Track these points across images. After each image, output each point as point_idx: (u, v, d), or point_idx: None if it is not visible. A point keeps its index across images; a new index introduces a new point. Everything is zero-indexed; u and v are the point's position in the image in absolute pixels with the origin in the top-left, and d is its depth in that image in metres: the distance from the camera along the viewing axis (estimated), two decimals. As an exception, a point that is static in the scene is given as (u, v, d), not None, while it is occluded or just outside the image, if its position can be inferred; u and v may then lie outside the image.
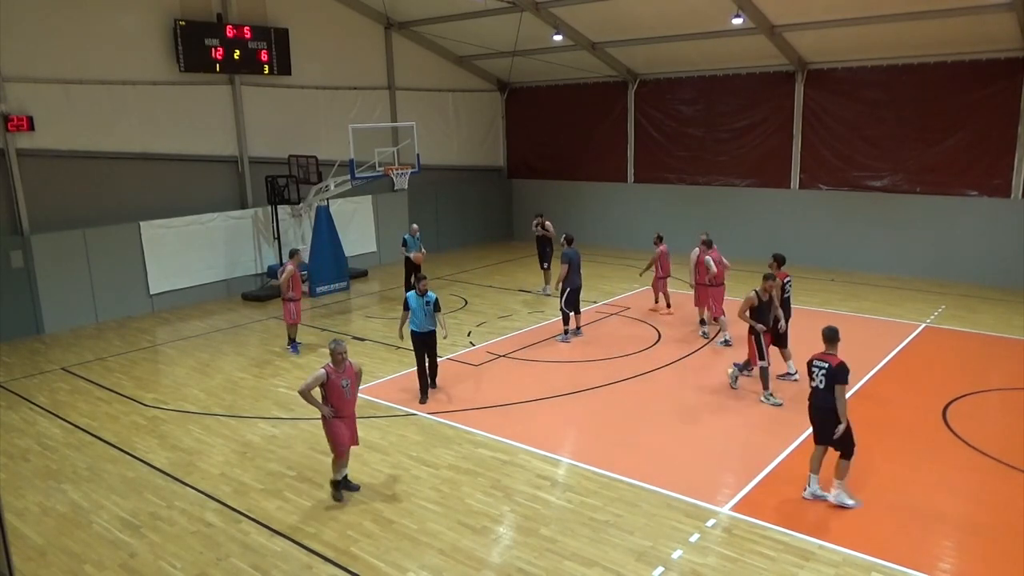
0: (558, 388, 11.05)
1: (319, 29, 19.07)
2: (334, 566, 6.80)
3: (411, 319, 10.58)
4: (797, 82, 18.90)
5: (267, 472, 8.69)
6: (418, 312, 10.55)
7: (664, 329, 13.98)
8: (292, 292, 12.95)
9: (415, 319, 10.55)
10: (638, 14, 17.66)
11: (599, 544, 7.01)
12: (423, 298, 10.58)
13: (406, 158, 17.82)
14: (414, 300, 10.54)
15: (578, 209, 22.79)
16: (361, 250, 20.37)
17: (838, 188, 18.79)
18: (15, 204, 14.55)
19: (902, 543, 6.90)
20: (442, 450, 9.07)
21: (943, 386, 10.59)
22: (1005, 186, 16.60)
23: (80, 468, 8.95)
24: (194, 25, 16.43)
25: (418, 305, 10.54)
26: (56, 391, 11.68)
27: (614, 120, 22.37)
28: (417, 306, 10.54)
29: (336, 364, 7.80)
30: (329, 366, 7.81)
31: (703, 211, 20.98)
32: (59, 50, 14.77)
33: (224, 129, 17.64)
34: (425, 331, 10.66)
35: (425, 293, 10.64)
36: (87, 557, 7.06)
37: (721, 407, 10.29)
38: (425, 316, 10.58)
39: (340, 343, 7.89)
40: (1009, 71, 16.08)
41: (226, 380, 11.97)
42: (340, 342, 7.90)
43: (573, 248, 13.63)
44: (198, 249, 17.06)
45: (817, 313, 14.96)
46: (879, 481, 8.07)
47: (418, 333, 10.66)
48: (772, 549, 6.85)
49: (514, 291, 17.40)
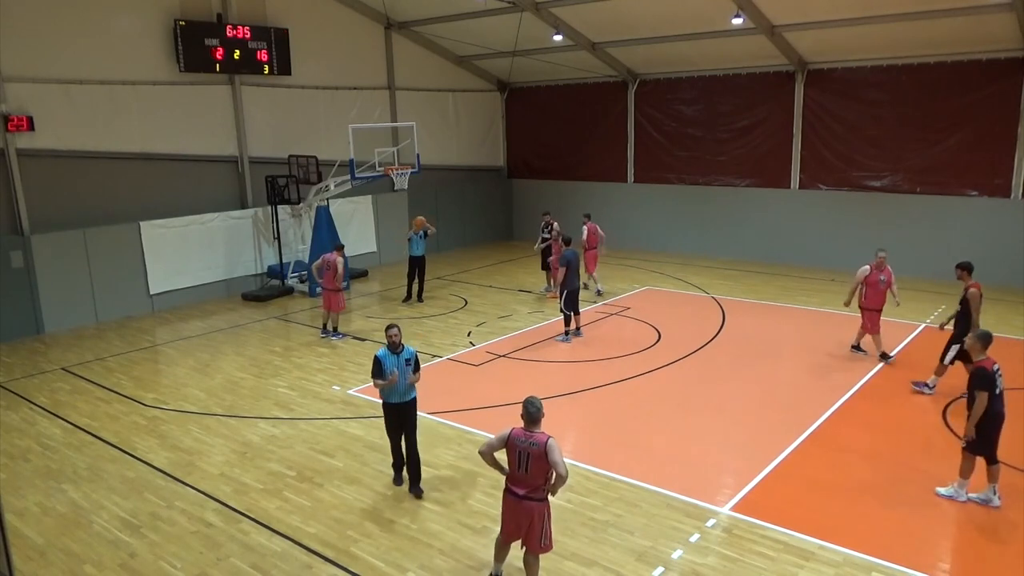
0: (558, 388, 11.05)
1: (319, 29, 19.07)
2: (334, 566, 6.80)
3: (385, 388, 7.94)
4: (797, 82, 18.90)
5: (267, 472, 8.69)
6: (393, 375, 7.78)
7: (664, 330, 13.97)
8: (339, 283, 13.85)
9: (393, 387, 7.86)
10: (638, 14, 17.66)
11: (599, 544, 7.01)
12: (397, 356, 7.83)
13: (406, 158, 17.82)
14: (387, 360, 7.80)
15: (578, 209, 22.66)
16: (361, 250, 20.37)
17: (838, 188, 18.79)
18: (15, 204, 14.55)
19: (902, 543, 6.90)
20: (442, 450, 9.06)
21: (943, 386, 10.58)
22: (1005, 186, 16.60)
23: (80, 468, 8.95)
24: (194, 25, 16.42)
25: (391, 366, 7.78)
26: (56, 391, 11.68)
27: (614, 120, 22.37)
28: (389, 367, 7.77)
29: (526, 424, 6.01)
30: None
31: (703, 211, 21.02)
32: (59, 50, 14.77)
33: (224, 129, 17.64)
34: (404, 401, 7.94)
35: (400, 348, 7.88)
36: (87, 557, 7.06)
37: (721, 407, 10.29)
38: (405, 382, 7.86)
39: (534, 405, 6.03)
40: (1009, 71, 16.08)
41: (226, 380, 11.97)
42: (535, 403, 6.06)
43: (571, 249, 13.65)
44: (198, 249, 17.06)
45: (817, 313, 14.98)
46: (879, 481, 8.07)
47: (391, 405, 7.95)
48: (772, 549, 6.85)
49: (514, 291, 17.40)
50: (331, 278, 13.66)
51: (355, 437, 9.59)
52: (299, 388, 11.46)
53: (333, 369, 12.30)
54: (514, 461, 6.00)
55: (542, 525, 6.06)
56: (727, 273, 18.72)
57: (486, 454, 6.12)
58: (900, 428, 9.46)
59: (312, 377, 11.93)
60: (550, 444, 5.82)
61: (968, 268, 10.58)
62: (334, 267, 13.63)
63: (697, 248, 21.09)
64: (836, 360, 12.06)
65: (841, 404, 10.23)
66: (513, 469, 6.03)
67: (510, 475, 6.08)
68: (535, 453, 5.85)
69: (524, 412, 6.02)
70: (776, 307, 15.49)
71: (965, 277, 10.49)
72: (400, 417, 7.98)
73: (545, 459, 5.81)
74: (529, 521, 6.04)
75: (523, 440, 5.93)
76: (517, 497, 6.02)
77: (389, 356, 7.81)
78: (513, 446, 5.98)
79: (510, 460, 6.04)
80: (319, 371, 12.21)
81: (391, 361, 7.78)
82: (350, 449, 9.22)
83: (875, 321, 11.91)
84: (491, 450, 6.09)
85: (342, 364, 12.53)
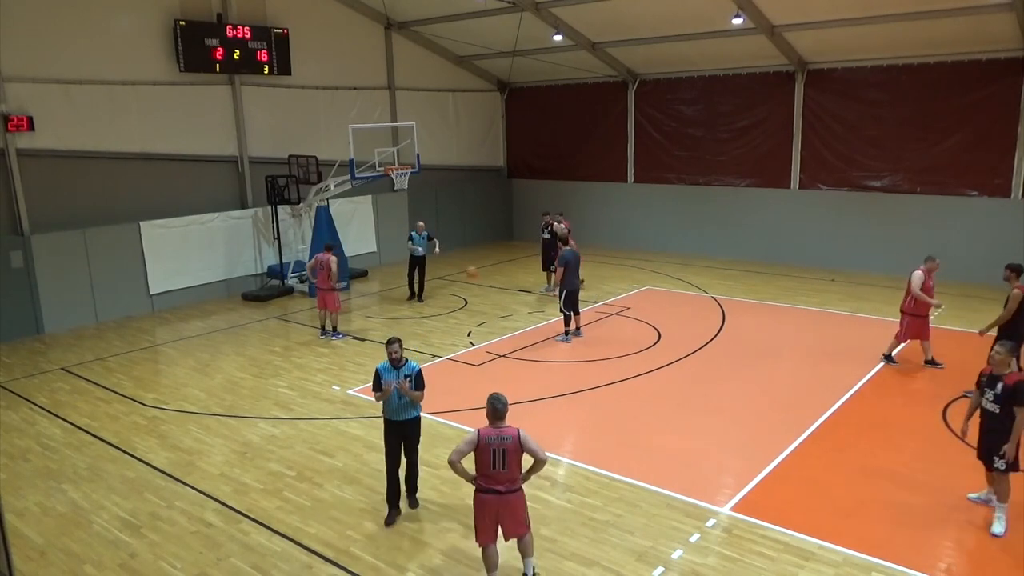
0: (558, 388, 11.05)
1: (319, 29, 19.07)
2: (334, 566, 6.80)
3: (384, 401, 7.51)
4: (797, 82, 18.90)
5: (267, 472, 8.69)
6: (392, 393, 7.39)
7: (664, 330, 13.97)
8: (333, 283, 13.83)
9: (388, 401, 7.47)
10: (638, 14, 17.66)
11: (599, 544, 7.01)
12: (398, 370, 7.42)
13: (406, 158, 17.83)
14: (386, 374, 7.41)
15: (578, 209, 22.75)
16: (361, 250, 20.38)
17: (838, 188, 18.79)
18: (15, 204, 14.55)
19: (902, 543, 6.90)
20: (442, 450, 9.05)
21: (943, 386, 10.58)
22: (1005, 186, 16.60)
23: (80, 468, 8.95)
24: (194, 25, 16.42)
25: (390, 380, 7.37)
26: (56, 391, 11.68)
27: (614, 120, 22.37)
28: (389, 382, 7.36)
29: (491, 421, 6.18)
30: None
31: (703, 211, 21.02)
32: (59, 50, 14.77)
33: (224, 129, 17.64)
34: (403, 419, 7.52)
35: (401, 363, 7.44)
36: (87, 557, 7.06)
37: (721, 407, 10.29)
38: (400, 398, 7.40)
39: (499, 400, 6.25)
40: (1009, 71, 16.08)
41: (226, 380, 11.97)
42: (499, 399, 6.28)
43: (570, 249, 13.66)
44: (198, 249, 17.06)
45: (817, 313, 14.97)
46: (879, 481, 8.07)
47: (393, 422, 7.54)
48: (772, 549, 6.85)
49: (514, 291, 17.40)
50: (325, 278, 13.68)
51: (355, 437, 9.59)
52: (299, 388, 11.46)
53: (333, 369, 12.30)
54: (488, 461, 6.05)
55: (524, 510, 6.29)
56: (727, 273, 18.72)
57: (456, 463, 6.06)
58: (900, 428, 9.45)
59: (312, 377, 11.94)
60: (522, 435, 6.02)
61: (1016, 270, 10.19)
62: (327, 267, 13.65)
63: (697, 248, 21.09)
64: (836, 360, 12.05)
65: (841, 404, 10.23)
66: (487, 469, 6.08)
67: (485, 476, 6.12)
68: (510, 447, 6.00)
69: (491, 409, 6.11)
70: (776, 307, 15.49)
71: (1013, 279, 10.19)
72: (398, 436, 7.56)
73: (521, 451, 6.02)
74: (513, 511, 6.17)
75: (495, 438, 6.03)
76: (500, 494, 6.09)
77: (389, 370, 7.43)
78: (486, 446, 6.03)
79: (483, 461, 6.08)
80: (319, 371, 12.21)
81: (390, 376, 7.40)
82: (350, 449, 9.22)
83: (925, 327, 11.56)
84: (461, 456, 6.06)
85: (342, 364, 12.53)
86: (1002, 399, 6.85)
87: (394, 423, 7.53)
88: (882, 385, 10.98)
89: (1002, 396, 6.85)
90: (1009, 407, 6.80)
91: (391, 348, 7.43)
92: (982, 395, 7.10)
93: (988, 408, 7.02)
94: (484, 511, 6.20)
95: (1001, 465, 6.91)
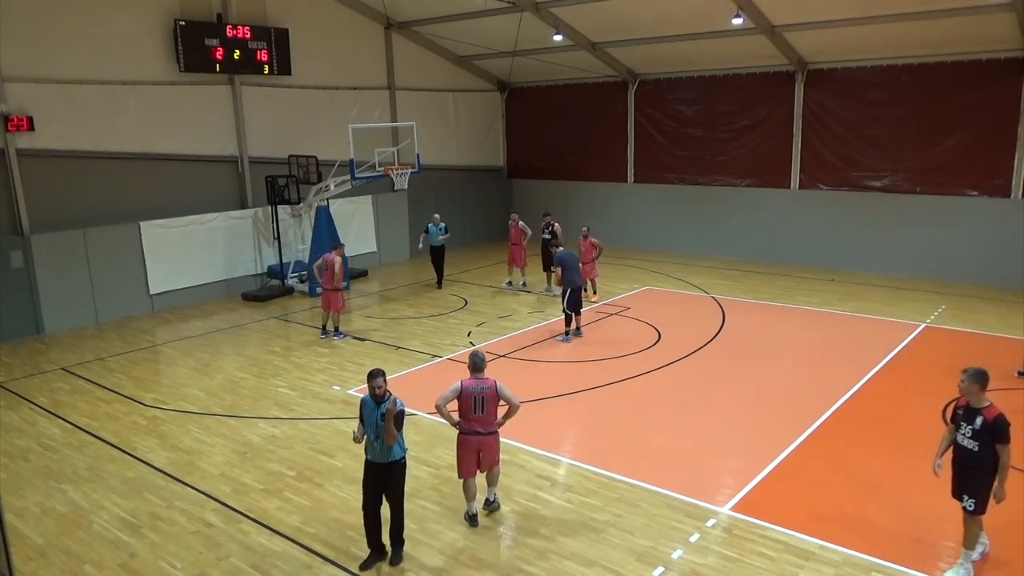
0: (558, 388, 11.05)
1: (319, 29, 19.06)
2: (334, 566, 6.80)
3: (365, 441, 6.71)
4: (797, 82, 18.90)
5: (267, 472, 8.69)
6: (371, 429, 6.58)
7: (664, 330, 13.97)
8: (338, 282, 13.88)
9: (368, 442, 6.68)
10: (638, 14, 17.66)
11: (599, 544, 7.01)
12: (379, 407, 6.55)
13: (406, 158, 17.83)
14: (365, 409, 6.64)
15: (578, 209, 22.76)
16: (361, 250, 20.37)
17: (838, 188, 18.79)
18: (15, 204, 14.55)
19: (902, 543, 6.90)
20: (442, 450, 9.06)
21: (943, 386, 10.57)
22: (1005, 186, 16.59)
23: (80, 468, 8.95)
24: (194, 25, 16.42)
25: (372, 418, 6.56)
26: (56, 391, 11.68)
27: (614, 120, 22.37)
28: (371, 420, 6.56)
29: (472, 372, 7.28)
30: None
31: (703, 211, 21.02)
32: (59, 50, 14.76)
33: (224, 129, 17.64)
34: (385, 461, 6.64)
35: (383, 398, 6.58)
36: (87, 557, 7.06)
37: (721, 407, 10.29)
38: (378, 439, 6.55)
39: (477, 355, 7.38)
40: (1009, 71, 16.07)
41: (226, 380, 11.97)
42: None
43: (566, 250, 13.76)
44: (198, 249, 17.06)
45: (817, 313, 14.97)
46: (879, 481, 8.07)
47: (373, 465, 6.69)
48: (772, 549, 6.85)
49: (514, 291, 17.40)
50: (329, 278, 13.70)
51: (355, 437, 9.59)
52: (299, 388, 11.46)
53: (333, 369, 12.30)
54: (470, 407, 7.19)
55: (499, 449, 7.50)
56: (727, 273, 18.72)
57: (442, 407, 7.15)
58: (900, 428, 9.45)
59: (312, 377, 11.93)
60: (498, 385, 7.26)
61: None
62: (332, 267, 13.66)
63: (697, 248, 21.09)
64: (836, 360, 12.05)
65: (841, 404, 10.23)
66: (469, 414, 7.20)
67: (468, 419, 7.22)
68: (489, 395, 7.20)
69: (472, 363, 7.33)
70: (776, 307, 15.49)
71: None
72: (377, 481, 6.69)
73: (498, 399, 7.23)
74: (490, 449, 7.35)
75: (476, 387, 7.21)
76: (480, 435, 7.26)
77: (370, 404, 6.61)
78: (468, 395, 7.18)
79: (466, 407, 7.19)
80: (319, 371, 12.21)
81: (369, 412, 6.58)
82: (350, 449, 9.20)
83: None
84: (446, 402, 7.17)
85: (342, 364, 12.53)
86: (981, 435, 6.18)
87: (375, 466, 6.68)
88: (881, 385, 10.98)
89: (981, 432, 6.17)
90: (990, 444, 6.15)
91: (375, 383, 6.54)
92: (957, 429, 6.44)
93: (965, 444, 6.33)
94: (467, 449, 7.29)
95: (970, 505, 6.32)
